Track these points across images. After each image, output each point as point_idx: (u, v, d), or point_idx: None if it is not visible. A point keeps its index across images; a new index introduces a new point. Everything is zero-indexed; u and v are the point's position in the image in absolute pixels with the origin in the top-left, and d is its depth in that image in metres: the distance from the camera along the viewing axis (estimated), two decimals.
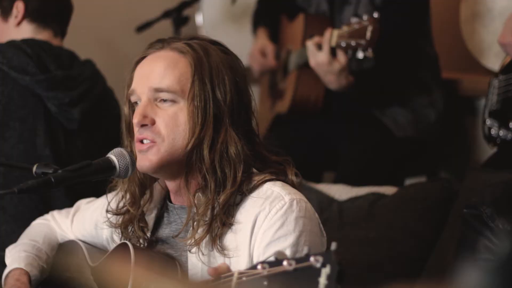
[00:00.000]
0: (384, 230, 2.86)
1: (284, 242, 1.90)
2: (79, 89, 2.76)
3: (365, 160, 3.40)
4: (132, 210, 2.08)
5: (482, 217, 2.06)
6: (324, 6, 3.56)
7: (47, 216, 2.37)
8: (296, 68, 3.56)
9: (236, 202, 1.97)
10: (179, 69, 1.99)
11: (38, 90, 2.70)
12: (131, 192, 2.08)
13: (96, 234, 2.23)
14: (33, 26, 2.83)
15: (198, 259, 1.98)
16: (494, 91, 3.05)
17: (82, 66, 2.84)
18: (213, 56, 2.01)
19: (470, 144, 3.76)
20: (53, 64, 2.74)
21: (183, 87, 1.98)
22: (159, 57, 2.02)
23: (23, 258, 2.18)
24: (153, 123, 1.98)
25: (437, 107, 3.48)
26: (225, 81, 1.99)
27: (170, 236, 2.07)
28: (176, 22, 4.18)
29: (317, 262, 1.50)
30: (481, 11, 3.65)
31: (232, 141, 1.97)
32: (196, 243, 1.97)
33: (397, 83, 3.46)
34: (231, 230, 1.97)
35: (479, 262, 1.95)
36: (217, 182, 1.96)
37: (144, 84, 2.00)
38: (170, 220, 2.09)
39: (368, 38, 3.04)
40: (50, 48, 2.79)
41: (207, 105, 1.97)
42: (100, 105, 2.83)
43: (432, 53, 3.52)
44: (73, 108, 2.74)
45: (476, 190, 2.68)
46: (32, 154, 2.69)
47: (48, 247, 2.25)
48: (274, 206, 1.94)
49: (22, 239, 2.28)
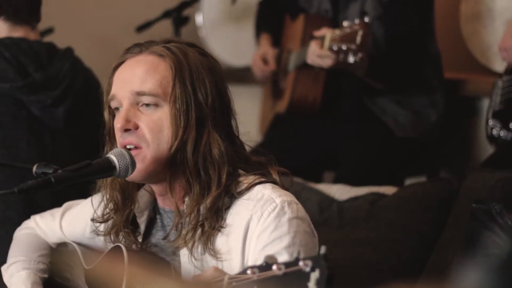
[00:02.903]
0: (384, 230, 2.86)
1: (279, 244, 1.89)
2: (60, 87, 2.72)
3: (365, 160, 3.40)
4: (115, 217, 2.07)
5: (491, 213, 2.06)
6: (326, 5, 3.56)
7: (30, 223, 2.34)
8: (295, 68, 3.56)
9: (226, 206, 1.96)
10: (160, 73, 1.97)
11: (19, 95, 2.67)
12: (113, 199, 2.07)
13: (92, 236, 2.21)
14: (8, 24, 2.78)
15: (190, 264, 1.97)
16: (498, 91, 3.05)
17: (61, 58, 2.79)
18: (192, 58, 1.99)
19: (470, 144, 3.76)
20: (32, 65, 2.70)
21: (165, 90, 1.96)
22: (139, 61, 2.00)
23: (26, 278, 2.16)
24: (136, 128, 1.97)
25: (438, 107, 3.48)
26: (205, 83, 1.98)
27: (161, 241, 2.06)
28: (176, 22, 4.18)
29: (306, 267, 1.48)
30: (482, 11, 3.65)
31: (215, 143, 1.96)
32: (185, 244, 1.96)
33: (401, 81, 3.46)
34: (222, 233, 1.95)
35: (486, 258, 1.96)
36: (201, 184, 1.95)
37: (125, 88, 1.99)
38: (164, 223, 2.08)
39: (358, 43, 3.04)
40: (28, 45, 2.74)
41: (189, 107, 1.96)
42: (84, 96, 2.79)
43: (435, 52, 3.52)
44: (57, 108, 2.71)
45: (476, 190, 2.68)
46: (16, 159, 2.66)
47: (43, 257, 2.23)
48: (266, 209, 1.92)
49: (15, 255, 2.24)
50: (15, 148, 2.67)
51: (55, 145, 2.73)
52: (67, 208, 2.31)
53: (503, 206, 2.06)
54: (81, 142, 2.78)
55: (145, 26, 4.19)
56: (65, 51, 2.83)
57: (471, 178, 2.80)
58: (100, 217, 2.09)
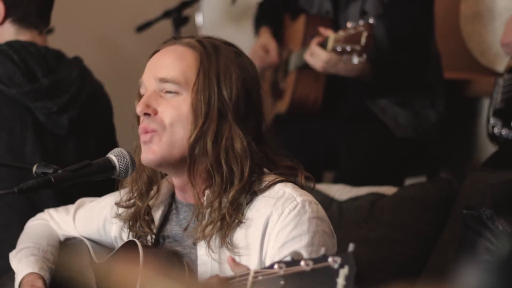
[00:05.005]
0: (384, 230, 2.86)
1: (299, 243, 1.90)
2: (67, 94, 2.71)
3: (365, 160, 3.40)
4: (139, 203, 2.09)
5: (482, 219, 2.06)
6: (327, 5, 3.56)
7: (44, 215, 2.37)
8: (295, 69, 3.56)
9: (246, 202, 1.98)
10: (186, 62, 2.01)
11: (25, 101, 2.67)
12: (138, 188, 2.10)
13: (104, 232, 2.24)
14: (16, 27, 2.76)
15: (208, 256, 1.98)
16: (499, 90, 3.05)
17: (69, 65, 2.78)
18: (223, 54, 2.02)
19: (470, 144, 3.76)
20: (40, 70, 2.69)
21: (188, 80, 1.99)
22: (169, 51, 2.04)
23: (34, 263, 2.17)
24: (156, 113, 1.99)
25: (438, 107, 3.49)
26: (232, 79, 2.00)
27: (179, 233, 2.07)
28: (176, 22, 4.18)
29: (335, 263, 1.51)
30: (482, 11, 3.65)
31: (237, 138, 1.97)
32: (204, 236, 1.97)
33: (403, 81, 3.46)
34: (241, 228, 1.97)
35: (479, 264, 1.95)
36: (223, 178, 1.97)
37: (151, 75, 2.03)
38: (180, 217, 2.09)
39: (363, 44, 3.05)
40: (36, 49, 2.72)
41: (211, 99, 1.98)
42: (90, 105, 2.79)
43: (435, 52, 3.52)
44: (61, 115, 2.71)
45: (476, 190, 2.68)
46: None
47: (53, 248, 2.25)
48: (287, 207, 1.94)
49: (24, 242, 2.27)
50: (20, 153, 2.67)
51: (58, 150, 2.73)
52: (81, 204, 2.34)
53: (494, 211, 2.06)
54: (85, 149, 2.78)
55: (145, 26, 4.19)
56: (74, 59, 2.82)
57: (471, 178, 2.80)
58: (124, 202, 2.12)
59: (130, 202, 2.11)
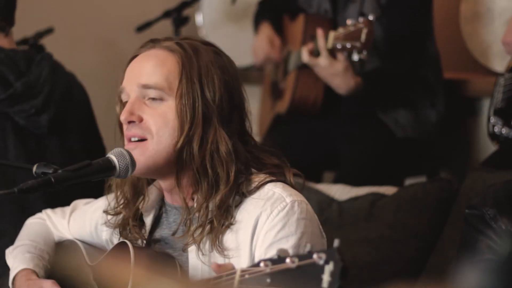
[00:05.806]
0: (384, 230, 2.86)
1: (286, 243, 1.90)
2: (41, 94, 2.68)
3: (365, 160, 3.40)
4: (124, 212, 2.09)
5: (485, 218, 2.05)
6: (326, 5, 3.56)
7: (42, 215, 2.37)
8: (295, 68, 3.56)
9: (236, 203, 1.97)
10: (167, 67, 1.99)
11: (1, 108, 2.65)
12: (123, 194, 2.09)
13: (96, 235, 2.24)
14: None
15: (198, 259, 1.97)
16: (500, 89, 3.05)
17: (39, 64, 2.72)
18: (203, 55, 2.01)
19: (470, 144, 3.76)
20: (11, 74, 2.65)
21: (171, 85, 1.98)
22: (149, 55, 2.02)
23: (30, 259, 2.18)
24: (141, 120, 1.98)
25: (438, 107, 3.49)
26: (214, 81, 1.99)
27: (169, 236, 2.07)
28: (176, 22, 4.18)
29: (320, 259, 1.51)
30: (481, 11, 3.65)
31: (222, 140, 1.97)
32: (194, 241, 1.97)
33: (403, 83, 3.46)
34: (231, 230, 1.97)
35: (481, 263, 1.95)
36: (209, 181, 1.96)
37: (133, 81, 2.01)
38: (170, 220, 2.09)
39: (363, 41, 3.05)
40: (4, 55, 2.66)
41: (196, 103, 1.97)
42: (66, 101, 2.77)
43: (434, 52, 3.52)
44: (40, 116, 2.68)
45: (476, 189, 2.68)
46: (6, 172, 2.62)
47: (49, 247, 2.26)
48: (276, 208, 1.94)
49: (21, 239, 2.28)
50: (5, 159, 2.65)
51: (40, 152, 2.70)
52: (75, 207, 2.34)
53: (496, 210, 2.05)
54: (68, 145, 2.76)
55: (145, 26, 4.19)
56: (42, 57, 2.76)
57: (471, 178, 2.80)
58: (112, 209, 2.12)
59: (117, 209, 2.11)
